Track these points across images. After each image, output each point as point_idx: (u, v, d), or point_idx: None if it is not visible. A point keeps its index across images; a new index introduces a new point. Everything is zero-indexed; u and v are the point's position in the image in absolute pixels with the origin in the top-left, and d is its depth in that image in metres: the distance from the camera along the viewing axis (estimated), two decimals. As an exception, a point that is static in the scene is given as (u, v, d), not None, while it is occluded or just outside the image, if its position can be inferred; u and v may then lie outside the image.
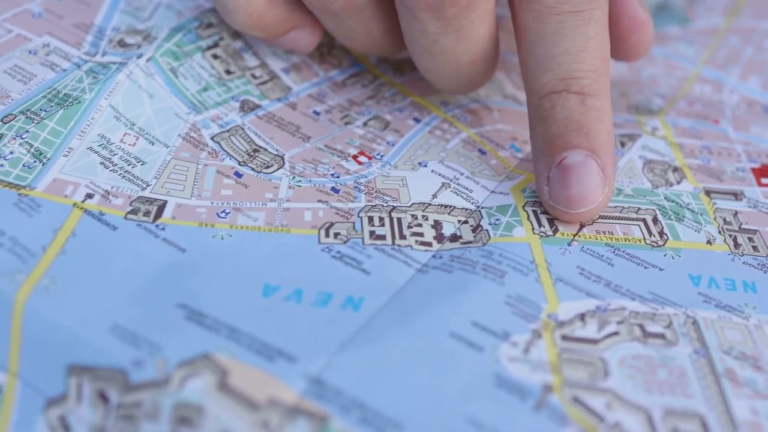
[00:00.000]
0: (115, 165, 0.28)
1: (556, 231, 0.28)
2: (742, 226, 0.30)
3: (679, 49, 0.40)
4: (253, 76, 0.32)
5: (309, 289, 0.25)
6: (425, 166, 0.30)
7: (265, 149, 0.30)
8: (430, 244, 0.27)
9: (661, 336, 0.26)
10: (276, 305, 0.25)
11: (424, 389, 0.23)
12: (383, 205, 0.28)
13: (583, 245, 0.28)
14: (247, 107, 0.31)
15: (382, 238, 0.27)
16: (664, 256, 0.28)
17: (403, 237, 0.27)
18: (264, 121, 0.31)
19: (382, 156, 0.30)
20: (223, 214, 0.27)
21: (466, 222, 0.28)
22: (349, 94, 0.33)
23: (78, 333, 0.23)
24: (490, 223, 0.28)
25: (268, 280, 0.25)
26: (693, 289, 0.27)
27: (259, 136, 0.30)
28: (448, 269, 0.26)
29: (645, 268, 0.28)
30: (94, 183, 0.27)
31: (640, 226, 0.29)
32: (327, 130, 0.31)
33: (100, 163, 0.28)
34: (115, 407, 0.22)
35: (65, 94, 0.29)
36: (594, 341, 0.25)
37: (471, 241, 0.27)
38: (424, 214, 0.28)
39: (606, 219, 0.29)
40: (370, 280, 0.26)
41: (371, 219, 0.28)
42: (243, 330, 0.24)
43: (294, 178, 0.29)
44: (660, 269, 0.28)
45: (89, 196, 0.27)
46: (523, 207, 0.29)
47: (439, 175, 0.30)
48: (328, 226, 0.27)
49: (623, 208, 0.30)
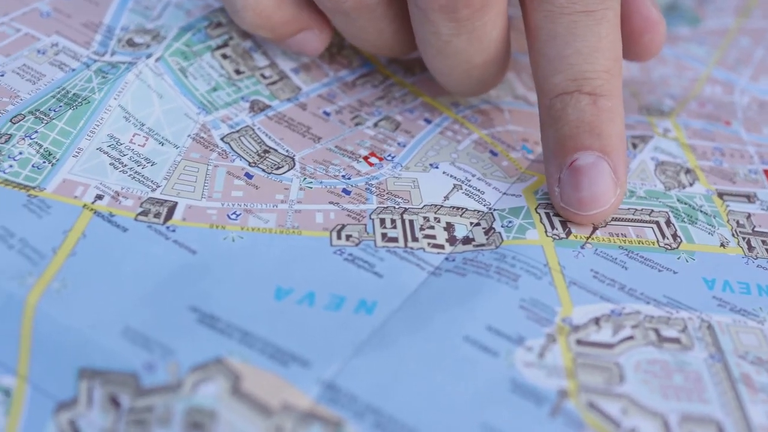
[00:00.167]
0: (125, 166, 0.28)
1: (569, 233, 0.28)
2: (756, 229, 0.30)
3: (689, 49, 0.40)
4: (263, 76, 0.32)
5: (321, 292, 0.25)
6: (436, 168, 0.30)
7: (276, 150, 0.29)
8: (442, 247, 0.27)
9: (677, 340, 0.25)
10: (289, 309, 0.24)
11: (438, 394, 0.23)
12: (395, 207, 0.28)
13: (597, 248, 0.28)
14: (257, 107, 0.31)
15: (395, 240, 0.27)
16: (678, 259, 0.28)
17: (415, 239, 0.27)
18: (274, 122, 0.30)
19: (393, 157, 0.30)
20: (233, 216, 0.27)
21: (479, 224, 0.28)
22: (360, 95, 0.33)
23: (89, 336, 0.23)
24: (502, 226, 0.28)
25: (280, 282, 0.25)
26: (707, 293, 0.27)
27: (270, 137, 0.30)
28: (462, 272, 0.26)
29: (659, 271, 0.27)
30: (104, 184, 0.27)
31: (653, 228, 0.29)
32: (337, 131, 0.31)
33: (110, 163, 0.27)
34: (127, 412, 0.22)
35: (74, 94, 0.29)
36: (609, 346, 0.25)
37: (484, 244, 0.27)
38: (436, 216, 0.28)
39: (619, 221, 0.29)
40: (383, 283, 0.25)
41: (383, 221, 0.27)
42: (256, 334, 0.23)
43: (305, 179, 0.29)
44: (674, 272, 0.27)
45: (99, 197, 0.26)
46: (535, 209, 0.29)
47: (451, 176, 0.30)
48: (339, 228, 0.27)
49: (636, 210, 0.29)
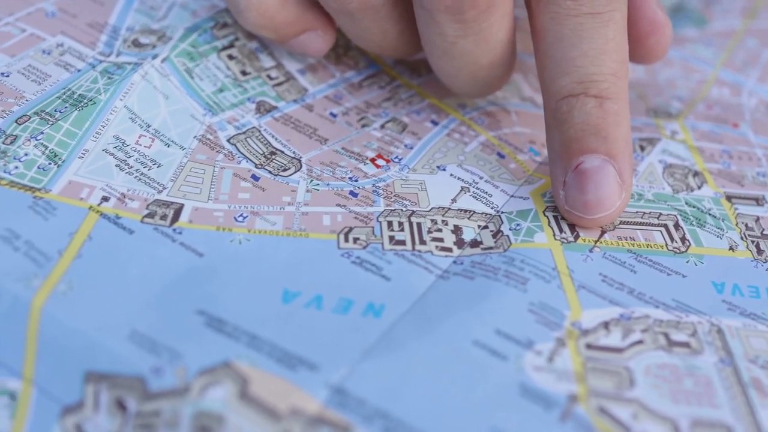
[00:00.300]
0: (131, 167, 0.27)
1: (577, 237, 0.28)
2: (765, 232, 0.29)
3: (696, 51, 0.40)
4: (269, 77, 0.31)
5: (329, 295, 0.25)
6: (444, 170, 0.30)
7: (282, 152, 0.29)
8: (450, 250, 0.27)
9: (686, 345, 0.25)
10: (296, 312, 0.24)
11: (448, 399, 0.23)
12: (402, 210, 0.28)
13: (605, 251, 0.27)
14: (263, 109, 0.30)
15: (402, 243, 0.27)
16: (687, 262, 0.28)
17: (423, 242, 0.27)
18: (280, 123, 0.30)
19: (400, 159, 0.30)
20: (240, 218, 0.27)
21: (486, 227, 0.28)
22: (366, 96, 0.32)
23: (96, 339, 0.23)
24: (510, 229, 0.28)
25: (288, 285, 0.25)
26: (717, 297, 0.27)
27: (276, 139, 0.30)
28: (470, 276, 0.26)
29: (668, 275, 0.27)
30: (110, 186, 0.27)
31: (661, 231, 0.29)
32: (344, 133, 0.31)
33: (116, 165, 0.27)
34: (134, 416, 0.22)
35: (80, 94, 0.28)
36: (619, 350, 0.25)
37: (492, 247, 0.27)
38: (444, 218, 0.28)
39: (627, 224, 0.29)
40: (391, 287, 0.25)
41: (390, 224, 0.27)
42: (263, 337, 0.23)
43: (312, 181, 0.28)
44: (683, 276, 0.27)
45: (105, 199, 0.26)
46: (543, 212, 0.29)
47: (458, 179, 0.29)
48: (347, 230, 0.27)
49: (644, 213, 0.29)
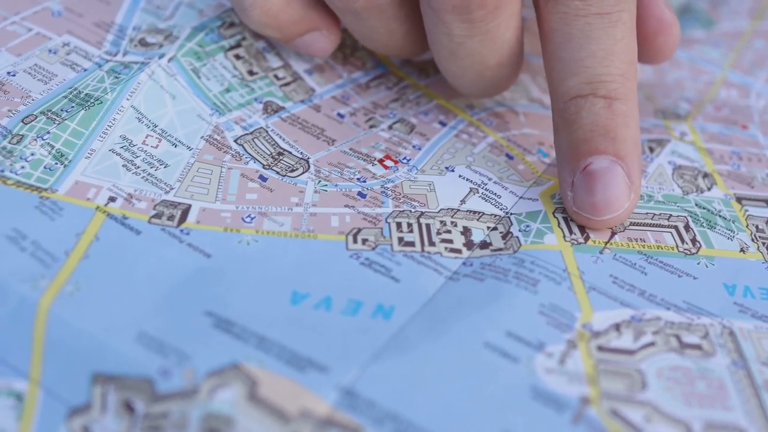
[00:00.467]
0: (138, 167, 0.27)
1: (587, 238, 0.28)
2: (775, 234, 0.29)
3: (704, 52, 0.39)
4: (276, 77, 0.31)
5: (338, 296, 0.25)
6: (452, 171, 0.30)
7: (290, 152, 0.29)
8: (459, 251, 0.27)
9: (698, 347, 0.25)
10: (305, 313, 0.24)
11: (459, 401, 0.22)
12: (411, 211, 0.28)
13: (616, 253, 0.27)
14: (270, 109, 0.30)
15: (411, 244, 0.26)
16: (698, 264, 0.28)
17: (432, 244, 0.27)
18: (288, 124, 0.30)
19: (408, 160, 0.30)
20: (248, 219, 0.26)
21: (496, 228, 0.28)
22: (373, 97, 0.32)
23: (103, 340, 0.23)
24: (520, 230, 0.28)
25: (297, 287, 0.25)
26: (728, 299, 0.27)
27: (284, 139, 0.29)
28: (480, 277, 0.26)
29: (679, 276, 0.27)
30: (117, 186, 0.26)
31: (672, 233, 0.28)
32: (352, 133, 0.30)
33: (123, 165, 0.27)
34: (142, 418, 0.22)
35: (86, 94, 0.28)
36: (630, 352, 0.24)
37: (501, 249, 0.27)
38: (453, 220, 0.28)
39: (637, 226, 0.28)
40: (400, 288, 0.25)
41: (399, 225, 0.27)
42: (272, 339, 0.23)
43: (320, 182, 0.28)
44: (694, 278, 0.27)
45: (112, 200, 0.26)
46: (553, 213, 0.28)
47: (467, 180, 0.29)
48: (355, 231, 0.27)
49: (654, 214, 0.29)
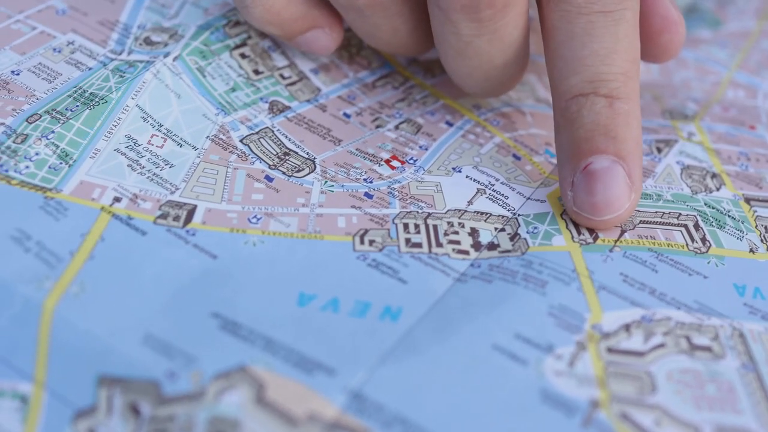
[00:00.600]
0: (143, 167, 0.27)
1: (596, 238, 0.27)
2: (785, 235, 0.29)
3: (711, 52, 0.39)
4: (282, 77, 0.31)
5: (345, 298, 0.24)
6: (459, 172, 0.29)
7: (296, 152, 0.29)
8: (467, 253, 0.26)
9: (708, 349, 0.25)
10: (312, 315, 0.24)
11: (467, 405, 0.22)
12: (418, 212, 0.27)
13: (626, 251, 0.27)
14: (276, 109, 0.30)
15: (419, 246, 0.26)
16: (708, 263, 0.27)
17: (439, 245, 0.26)
18: (294, 123, 0.30)
19: (415, 161, 0.29)
20: (254, 220, 0.26)
21: (503, 230, 0.27)
22: (380, 97, 0.32)
23: (109, 342, 0.22)
24: (528, 232, 0.27)
25: (304, 288, 0.24)
26: (738, 300, 0.26)
27: (290, 139, 0.29)
28: (488, 279, 0.25)
29: (689, 275, 0.27)
30: (122, 186, 0.26)
31: (681, 231, 0.28)
32: (358, 134, 0.30)
33: (128, 165, 0.27)
34: (148, 421, 0.22)
35: (91, 93, 0.28)
36: (640, 354, 0.24)
37: (509, 250, 0.27)
38: (460, 221, 0.27)
39: (647, 224, 0.28)
40: (408, 290, 0.25)
41: (406, 226, 0.27)
42: (279, 341, 0.23)
43: (326, 182, 0.28)
44: (704, 277, 0.27)
45: (117, 200, 0.26)
46: (561, 215, 0.28)
47: (474, 180, 0.29)
48: (362, 233, 0.26)
49: (664, 213, 0.29)
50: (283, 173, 0.28)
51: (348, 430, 0.21)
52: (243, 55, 0.31)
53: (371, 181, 0.28)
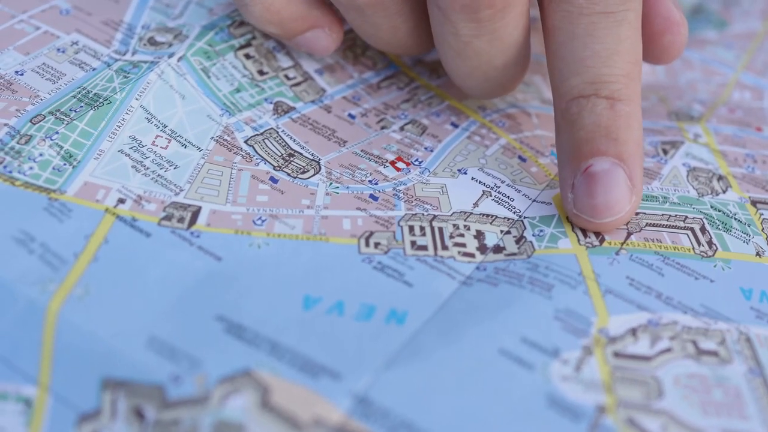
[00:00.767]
0: (147, 168, 0.27)
1: (602, 241, 0.27)
2: (791, 239, 0.29)
3: (717, 53, 0.39)
4: (287, 77, 0.31)
5: (351, 301, 0.24)
6: (465, 173, 0.29)
7: (301, 154, 0.29)
8: (473, 255, 0.26)
9: (715, 353, 0.25)
10: (318, 319, 0.24)
11: (473, 410, 0.22)
12: (424, 214, 0.27)
13: (632, 254, 0.27)
14: (281, 110, 0.30)
15: (424, 248, 0.26)
16: (714, 267, 0.27)
17: (445, 248, 0.26)
18: (298, 124, 0.30)
19: (420, 162, 0.29)
20: (259, 221, 0.26)
21: (509, 232, 0.27)
22: (385, 98, 0.32)
23: (113, 345, 0.22)
24: (533, 235, 0.27)
25: (309, 291, 0.24)
26: (745, 303, 0.26)
27: (294, 140, 0.29)
28: (494, 282, 0.25)
29: (695, 279, 0.27)
30: (126, 187, 0.26)
31: (688, 235, 0.28)
32: (363, 135, 0.30)
33: (132, 166, 0.27)
34: (152, 425, 0.21)
35: (95, 93, 0.28)
36: (647, 358, 0.24)
37: (515, 253, 0.26)
38: (466, 223, 0.27)
39: (653, 227, 0.28)
40: (413, 293, 0.25)
41: (412, 228, 0.27)
42: (285, 345, 0.23)
43: (331, 184, 0.28)
44: (711, 281, 0.27)
45: (121, 201, 0.26)
46: (567, 218, 0.28)
47: (480, 182, 0.29)
48: (368, 235, 0.26)
49: (670, 216, 0.29)
50: (288, 174, 0.28)
51: (353, 434, 0.21)
52: (248, 56, 0.31)
53: (376, 183, 0.28)
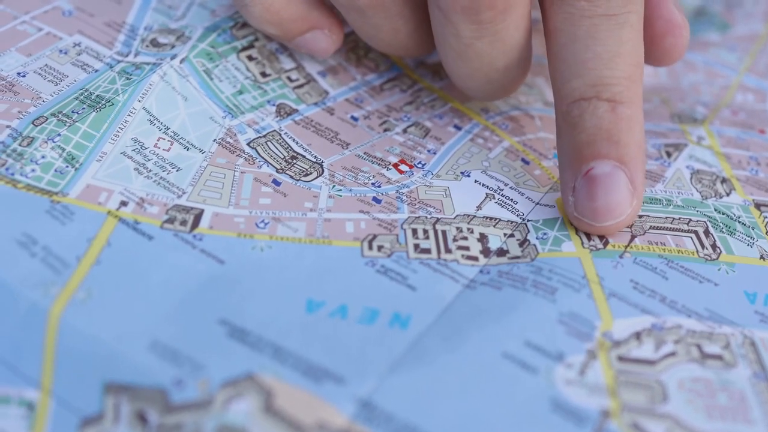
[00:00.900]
0: (150, 171, 0.27)
1: (606, 244, 0.27)
2: (795, 242, 0.29)
3: (720, 55, 0.39)
4: (290, 79, 0.31)
5: (354, 305, 0.24)
6: (468, 176, 0.29)
7: (304, 156, 0.29)
8: (476, 259, 0.26)
9: (719, 357, 0.24)
10: (321, 322, 0.23)
11: (478, 414, 0.22)
12: (427, 217, 0.27)
13: (636, 257, 0.27)
14: (283, 112, 0.30)
15: (427, 251, 0.26)
16: (719, 270, 0.27)
17: (448, 251, 0.26)
18: (301, 127, 0.30)
19: (423, 165, 0.29)
20: (262, 224, 0.26)
21: (512, 235, 0.27)
22: (387, 100, 0.32)
23: (116, 349, 0.22)
24: (537, 238, 0.27)
25: (312, 295, 0.24)
26: (749, 307, 0.26)
27: (297, 143, 0.29)
28: (497, 286, 0.25)
29: (700, 282, 0.27)
30: (129, 190, 0.26)
31: (692, 238, 0.28)
32: (366, 137, 0.30)
33: (134, 168, 0.27)
34: (155, 429, 0.21)
35: (98, 95, 0.28)
36: (651, 362, 0.24)
37: (519, 256, 0.26)
38: (469, 226, 0.27)
39: (657, 230, 0.28)
40: (417, 296, 0.25)
41: (415, 231, 0.27)
42: (288, 349, 0.23)
43: (334, 186, 0.28)
44: (715, 284, 0.27)
45: (124, 204, 0.26)
46: (570, 221, 0.28)
47: (483, 185, 0.29)
48: (371, 238, 0.26)
49: (674, 219, 0.28)
50: (291, 177, 0.28)
51: (357, 439, 0.21)
52: (250, 57, 0.31)
53: (379, 186, 0.28)
